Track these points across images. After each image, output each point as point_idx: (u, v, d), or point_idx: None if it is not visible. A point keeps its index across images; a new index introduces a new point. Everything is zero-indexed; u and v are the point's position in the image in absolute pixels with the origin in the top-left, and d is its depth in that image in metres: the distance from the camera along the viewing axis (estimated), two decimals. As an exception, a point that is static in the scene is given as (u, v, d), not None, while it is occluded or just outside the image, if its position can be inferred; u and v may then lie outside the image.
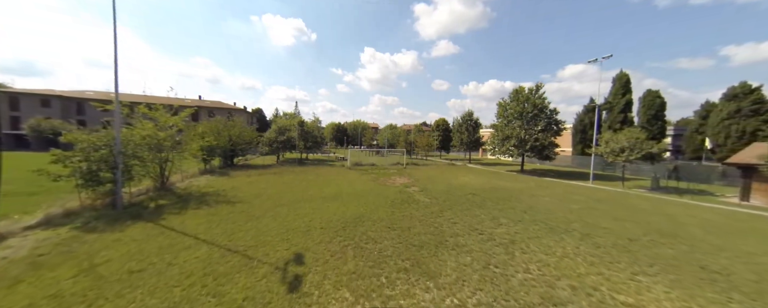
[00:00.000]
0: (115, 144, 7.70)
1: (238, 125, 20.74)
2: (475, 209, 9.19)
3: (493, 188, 13.68)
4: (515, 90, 23.16)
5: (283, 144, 23.29)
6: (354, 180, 14.94)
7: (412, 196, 11.07)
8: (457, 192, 12.29)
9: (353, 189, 12.16)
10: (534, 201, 10.68)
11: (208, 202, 9.06)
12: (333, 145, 70.77)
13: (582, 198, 11.62)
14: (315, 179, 15.04)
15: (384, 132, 55.24)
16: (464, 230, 6.94)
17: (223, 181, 13.42)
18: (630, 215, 8.93)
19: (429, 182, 15.17)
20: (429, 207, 9.36)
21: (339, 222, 7.27)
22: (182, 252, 5.13)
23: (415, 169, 22.35)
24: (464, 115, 33.58)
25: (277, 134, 23.35)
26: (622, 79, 29.41)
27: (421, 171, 20.70)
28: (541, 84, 21.94)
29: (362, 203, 9.61)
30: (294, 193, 10.98)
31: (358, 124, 76.97)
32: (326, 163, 25.15)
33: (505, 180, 16.86)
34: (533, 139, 20.40)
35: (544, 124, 20.60)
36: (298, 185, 12.94)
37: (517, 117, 21.98)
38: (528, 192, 12.67)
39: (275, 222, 7.15)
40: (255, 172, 17.02)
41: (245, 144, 21.19)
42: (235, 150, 20.26)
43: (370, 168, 22.20)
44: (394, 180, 15.78)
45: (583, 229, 7.18)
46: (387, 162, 26.74)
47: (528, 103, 21.47)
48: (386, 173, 18.97)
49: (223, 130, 19.12)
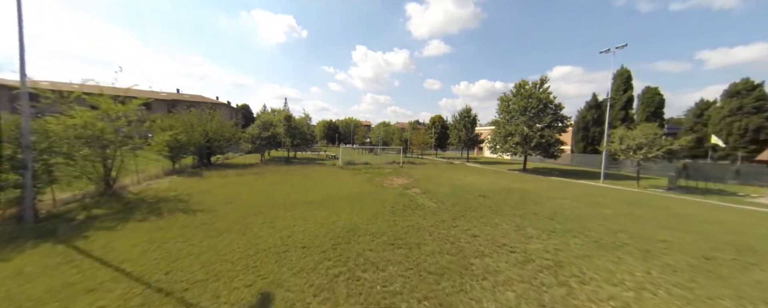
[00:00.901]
0: (23, 136, 5.73)
1: (215, 119, 18.62)
2: (493, 216, 7.72)
3: (502, 189, 12.31)
4: (518, 83, 22.00)
5: (268, 141, 21.28)
6: (346, 181, 13.26)
7: (414, 200, 9.51)
8: (464, 194, 10.83)
9: (345, 192, 10.49)
10: (556, 206, 9.33)
11: (161, 211, 7.20)
12: (324, 144, 68.59)
13: (607, 201, 10.38)
14: (301, 180, 13.26)
15: (377, 130, 53.63)
16: (489, 246, 5.43)
17: (191, 183, 11.46)
18: (677, 223, 7.67)
19: (430, 183, 13.67)
20: (437, 213, 7.82)
21: (327, 238, 5.62)
22: (82, 298, 3.36)
23: (413, 168, 20.85)
24: (462, 111, 32.37)
25: (261, 130, 21.32)
26: (623, 75, 28.87)
27: (420, 171, 19.22)
28: (545, 77, 20.86)
29: (356, 210, 7.98)
30: (274, 198, 9.22)
31: (350, 121, 75.01)
32: (316, 162, 23.30)
33: (512, 180, 15.58)
34: (539, 136, 19.26)
35: (550, 119, 19.49)
36: (280, 187, 11.16)
37: (520, 112, 20.80)
38: (543, 194, 11.35)
39: (243, 240, 5.43)
40: (233, 172, 15.05)
41: (224, 140, 19.10)
42: (213, 147, 18.15)
43: (363, 167, 20.54)
44: (392, 180, 14.21)
45: (638, 244, 5.80)
46: (382, 160, 25.14)
47: (532, 98, 20.31)
48: (382, 173, 17.37)
49: (197, 125, 17.00)
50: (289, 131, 22.95)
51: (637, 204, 9.93)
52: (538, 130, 19.56)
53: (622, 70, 29.13)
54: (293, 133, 23.14)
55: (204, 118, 18.18)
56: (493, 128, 24.99)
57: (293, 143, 22.55)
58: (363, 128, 70.22)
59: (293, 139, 22.71)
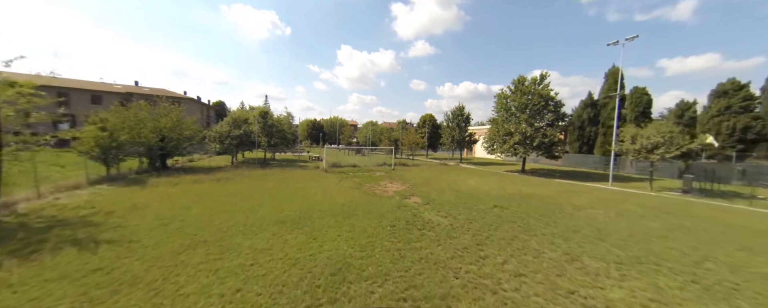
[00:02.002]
0: None
1: (172, 115, 15.69)
2: (526, 237, 5.96)
3: (514, 196, 10.71)
4: (517, 79, 20.82)
5: (240, 140, 18.54)
6: (331, 189, 11.10)
7: (418, 214, 7.59)
8: (475, 203, 9.06)
9: (330, 204, 8.36)
10: (589, 218, 7.78)
11: (42, 246, 4.74)
12: (308, 144, 65.34)
13: (639, 209, 9.02)
14: (276, 188, 10.92)
15: (364, 129, 51.45)
16: (551, 297, 3.60)
17: (123, 195, 8.80)
18: (751, 240, 6.29)
19: (430, 188, 11.83)
20: (453, 235, 5.94)
21: (300, 290, 3.54)
22: None
23: (406, 171, 18.98)
24: (455, 109, 31.06)
25: (231, 127, 18.54)
26: (616, 74, 28.80)
27: (414, 174, 17.38)
28: (545, 73, 19.78)
29: (345, 231, 5.92)
30: (234, 215, 6.93)
31: (336, 120, 72.25)
32: (297, 164, 20.80)
33: (518, 184, 14.11)
34: (541, 135, 18.08)
35: (552, 117, 18.41)
36: (247, 199, 8.81)
37: (520, 110, 19.59)
38: (563, 202, 9.84)
39: (158, 298, 3.22)
40: (190, 179, 12.37)
41: (184, 140, 16.20)
42: (168, 147, 15.22)
43: (351, 170, 18.39)
44: (385, 186, 12.22)
45: (751, 285, 4.20)
46: (371, 162, 23.08)
47: (533, 95, 19.15)
48: (372, 177, 15.33)
49: (146, 121, 14.08)
50: (266, 129, 20.29)
51: (674, 214, 8.62)
52: (539, 129, 18.40)
53: (614, 68, 29.06)
54: (270, 131, 20.49)
55: (157, 113, 15.23)
56: (489, 127, 23.78)
57: (270, 143, 19.92)
58: (349, 128, 67.67)
59: (270, 139, 20.07)
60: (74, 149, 10.59)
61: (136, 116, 13.59)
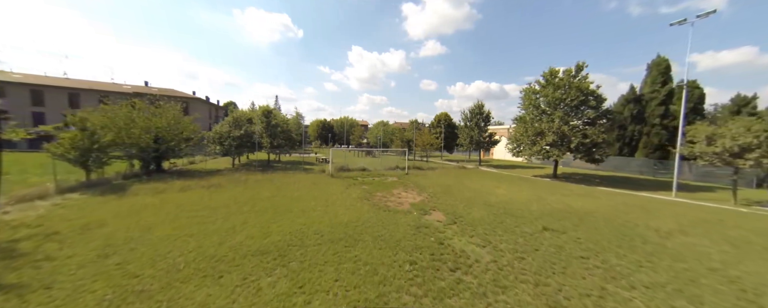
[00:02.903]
0: None
1: (167, 114, 14.61)
2: (619, 290, 3.95)
3: (563, 212, 8.57)
4: (548, 72, 18.39)
5: (241, 141, 17.30)
6: (335, 199, 9.40)
7: (446, 241, 5.72)
8: (516, 223, 7.05)
9: (331, 224, 6.64)
10: (693, 253, 5.60)
11: None
12: (318, 144, 64.63)
13: (749, 236, 6.66)
14: (270, 198, 9.35)
15: (375, 129, 49.82)
16: None
17: (87, 208, 7.48)
18: None
19: (453, 199, 9.88)
20: (503, 283, 4.04)
21: None
22: None
23: (422, 175, 17.04)
24: (473, 107, 28.72)
25: (232, 128, 17.33)
26: (661, 65, 25.50)
27: (431, 179, 15.42)
28: (583, 63, 17.25)
29: (346, 273, 4.17)
30: (203, 242, 5.34)
31: (346, 120, 71.23)
32: (302, 167, 19.38)
33: (558, 194, 11.85)
34: (581, 135, 15.61)
35: (593, 114, 15.86)
36: (230, 215, 7.26)
37: (554, 106, 17.15)
38: (637, 223, 7.62)
39: None
40: (179, 185, 11.07)
41: (182, 141, 15.09)
42: (163, 149, 14.11)
43: (360, 174, 16.69)
44: (399, 195, 10.39)
45: None
46: (382, 165, 21.30)
47: (569, 88, 16.68)
48: (384, 183, 13.54)
49: (138, 120, 13.00)
50: (269, 130, 18.98)
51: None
52: (578, 128, 15.92)
53: (659, 59, 25.75)
54: (273, 132, 19.17)
55: (153, 113, 14.18)
56: (513, 127, 21.39)
57: (273, 144, 18.60)
58: (359, 128, 66.34)
59: (273, 139, 18.75)
60: (48, 151, 9.50)
61: (126, 115, 12.51)
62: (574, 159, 16.88)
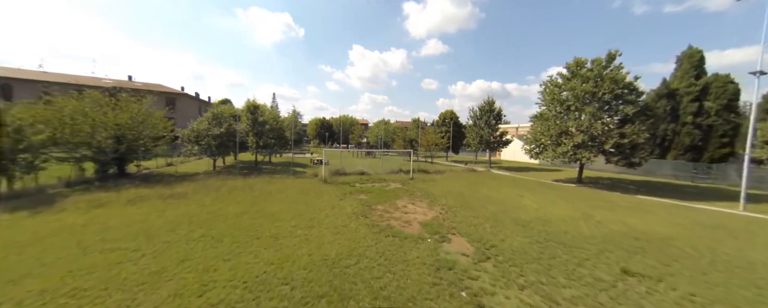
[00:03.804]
0: None
1: (130, 108, 12.54)
2: None
3: (626, 238, 6.45)
4: (574, 62, 16.21)
5: (222, 140, 15.22)
6: (323, 217, 7.30)
7: (484, 299, 3.58)
8: (578, 262, 4.95)
9: (310, 262, 4.56)
10: None
11: None
12: (316, 143, 62.64)
13: None
14: (238, 216, 7.26)
15: (376, 128, 47.69)
16: None
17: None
18: None
19: (475, 215, 7.77)
20: None
21: None
22: None
23: (429, 181, 14.92)
24: (483, 104, 26.56)
25: (211, 125, 15.26)
26: (693, 57, 23.25)
27: (441, 186, 13.31)
28: (616, 52, 15.06)
29: None
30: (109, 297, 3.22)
31: (345, 119, 69.17)
32: (293, 170, 17.29)
33: (600, 207, 9.71)
34: (617, 135, 13.45)
35: (632, 110, 13.66)
36: (170, 246, 5.17)
37: (584, 101, 14.97)
38: (743, 257, 5.48)
39: None
40: (133, 195, 8.99)
41: (149, 140, 13.03)
42: (123, 149, 12.04)
43: (358, 179, 14.59)
44: (406, 210, 8.29)
45: None
46: (383, 168, 19.18)
47: (601, 80, 14.50)
48: (385, 190, 11.44)
49: (91, 115, 10.94)
50: (255, 127, 16.88)
51: None
52: (613, 127, 13.74)
53: (692, 50, 23.49)
54: (260, 130, 17.06)
55: (113, 106, 12.11)
56: (531, 125, 19.24)
57: (259, 144, 16.49)
58: (359, 127, 64.17)
59: (260, 138, 16.64)
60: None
61: (74, 108, 10.44)
62: (607, 162, 14.70)
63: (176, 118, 27.84)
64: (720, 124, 22.22)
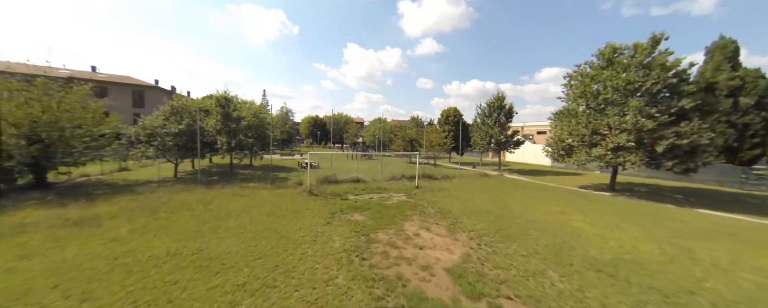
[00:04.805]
0: None
1: (53, 99, 9.60)
2: None
3: None
4: (608, 48, 13.82)
5: (183, 140, 12.33)
6: (295, 261, 4.64)
7: None
8: None
9: None
10: None
11: None
12: (309, 143, 59.61)
13: None
14: (165, 259, 4.55)
15: (372, 127, 45.00)
16: None
17: None
18: None
19: (524, 255, 5.23)
20: None
21: None
22: None
23: (440, 191, 12.32)
24: (492, 100, 24.09)
25: (168, 121, 12.36)
26: (728, 47, 21.14)
27: (458, 199, 10.72)
28: (661, 35, 12.69)
29: None
30: None
31: (340, 117, 66.32)
32: (275, 175, 14.50)
33: (691, 235, 7.24)
34: (673, 135, 11.07)
35: (690, 103, 11.26)
36: None
37: (625, 94, 12.56)
38: None
39: None
40: (21, 219, 6.12)
41: (77, 139, 10.11)
42: (43, 152, 9.10)
43: (352, 188, 11.91)
44: (421, 242, 5.69)
45: None
46: (382, 173, 16.54)
47: (648, 68, 12.13)
48: (387, 207, 8.79)
49: None
50: (227, 125, 14.01)
51: None
52: (665, 124, 11.31)
53: (725, 41, 21.35)
54: (234, 128, 14.19)
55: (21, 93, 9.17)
56: (551, 123, 16.84)
57: (231, 145, 13.59)
58: (355, 126, 61.30)
59: (232, 138, 13.77)
60: None
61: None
62: (657, 168, 12.32)
63: (146, 115, 24.71)
64: (755, 123, 20.24)
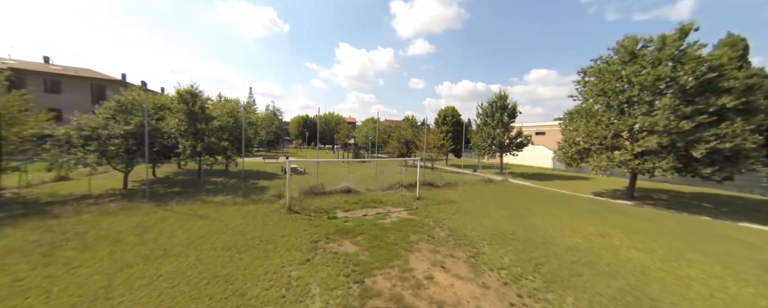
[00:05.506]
0: None
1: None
2: None
3: None
4: (629, 39, 12.47)
5: (130, 142, 10.04)
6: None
7: None
8: None
9: None
10: None
11: None
12: (299, 143, 56.94)
13: None
14: None
15: (364, 127, 42.99)
16: None
17: None
18: None
19: None
20: None
21: None
22: None
23: (446, 204, 10.55)
24: (493, 99, 22.61)
25: (112, 120, 10.05)
26: (737, 45, 20.35)
27: (470, 215, 8.97)
28: (690, 26, 11.39)
29: None
30: None
31: (331, 117, 64.01)
32: (251, 183, 12.35)
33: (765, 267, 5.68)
34: (713, 138, 9.70)
35: (733, 102, 9.93)
36: None
37: (654, 91, 11.16)
38: None
39: None
40: None
41: None
42: None
43: (342, 201, 9.96)
44: (437, 291, 3.82)
45: None
46: (377, 181, 14.66)
47: (683, 61, 10.79)
48: (385, 229, 6.93)
49: None
50: (192, 125, 11.77)
51: None
52: (704, 126, 9.93)
53: (734, 38, 20.63)
54: (201, 129, 11.95)
55: None
56: (562, 124, 15.40)
57: (196, 149, 11.31)
58: (346, 126, 59.05)
59: (198, 141, 11.53)
60: None
61: None
62: (690, 174, 10.94)
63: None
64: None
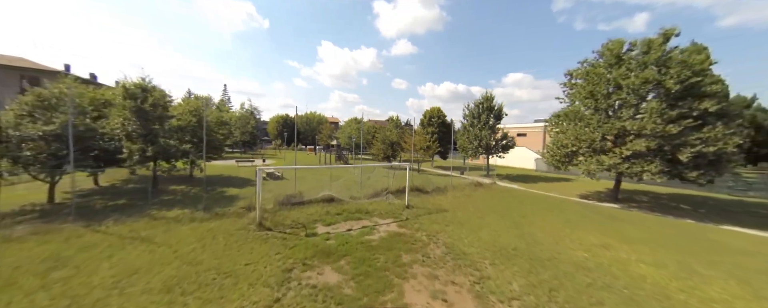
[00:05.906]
0: None
1: None
2: None
3: None
4: (615, 43, 12.55)
5: (53, 146, 8.19)
6: None
7: None
8: None
9: None
10: None
11: None
12: (278, 144, 54.21)
13: None
14: None
15: (347, 127, 41.64)
16: None
17: None
18: None
19: None
20: None
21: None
22: None
23: (438, 213, 9.79)
24: (481, 99, 22.43)
25: (30, 117, 8.15)
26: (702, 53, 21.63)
27: (466, 226, 8.26)
28: (671, 31, 11.66)
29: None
30: None
31: (312, 116, 61.80)
32: (217, 192, 10.79)
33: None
34: (699, 142, 9.79)
35: (714, 106, 10.08)
36: None
37: (641, 95, 11.17)
38: None
39: None
40: None
41: None
42: None
43: (324, 212, 8.84)
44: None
45: None
46: (362, 188, 13.64)
47: (669, 65, 10.91)
48: (373, 248, 6.00)
49: None
50: (144, 125, 10.01)
51: None
52: (689, 130, 10.02)
53: (697, 47, 21.83)
54: (154, 130, 10.22)
55: None
56: (549, 127, 15.36)
57: (146, 154, 9.53)
58: (329, 126, 57.19)
59: (151, 143, 9.81)
60: None
61: None
62: (676, 178, 11.05)
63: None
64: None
